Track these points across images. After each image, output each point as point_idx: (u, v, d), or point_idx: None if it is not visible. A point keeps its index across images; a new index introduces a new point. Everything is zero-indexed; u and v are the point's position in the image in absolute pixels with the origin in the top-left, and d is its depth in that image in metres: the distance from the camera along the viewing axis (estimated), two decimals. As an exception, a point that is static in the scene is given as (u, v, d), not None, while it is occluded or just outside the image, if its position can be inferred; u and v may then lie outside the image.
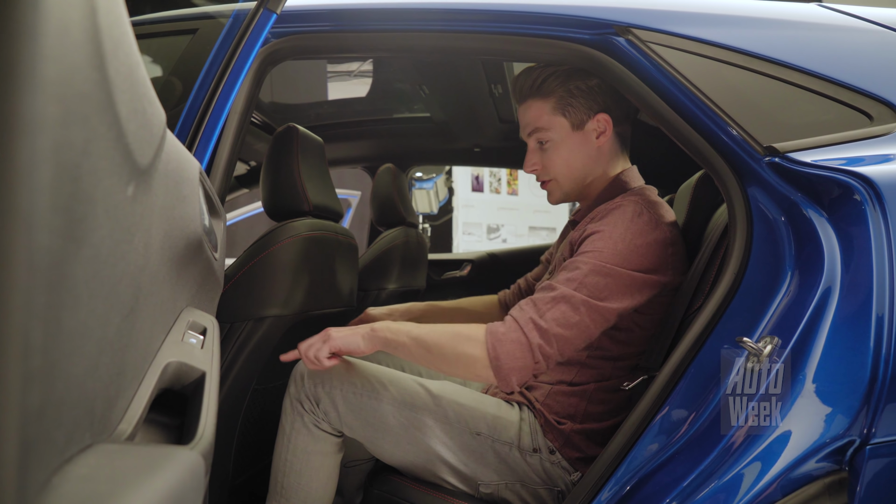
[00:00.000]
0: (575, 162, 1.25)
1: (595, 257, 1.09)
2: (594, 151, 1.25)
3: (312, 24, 1.19)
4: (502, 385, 1.05)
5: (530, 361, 1.04)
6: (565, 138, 1.24)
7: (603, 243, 1.10)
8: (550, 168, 1.26)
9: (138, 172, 0.47)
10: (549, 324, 1.04)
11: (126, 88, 0.42)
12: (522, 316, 1.06)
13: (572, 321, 1.05)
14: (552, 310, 1.05)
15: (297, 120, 2.63)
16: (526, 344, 1.03)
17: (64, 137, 0.30)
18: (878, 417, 0.83)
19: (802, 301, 0.90)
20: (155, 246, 0.55)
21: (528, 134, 1.27)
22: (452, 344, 1.07)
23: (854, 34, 1.10)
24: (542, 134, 1.24)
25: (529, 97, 1.26)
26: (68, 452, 0.37)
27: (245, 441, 1.43)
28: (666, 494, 0.92)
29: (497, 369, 1.03)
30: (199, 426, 0.59)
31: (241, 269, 1.29)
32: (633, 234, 1.11)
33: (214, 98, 1.04)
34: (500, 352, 1.03)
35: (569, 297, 1.06)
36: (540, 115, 1.24)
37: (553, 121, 1.23)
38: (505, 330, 1.05)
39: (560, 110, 1.23)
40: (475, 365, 1.05)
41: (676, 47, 1.05)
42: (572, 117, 1.23)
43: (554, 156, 1.25)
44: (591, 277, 1.07)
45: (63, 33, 0.29)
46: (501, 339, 1.04)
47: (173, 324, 0.68)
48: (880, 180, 0.88)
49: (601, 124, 1.24)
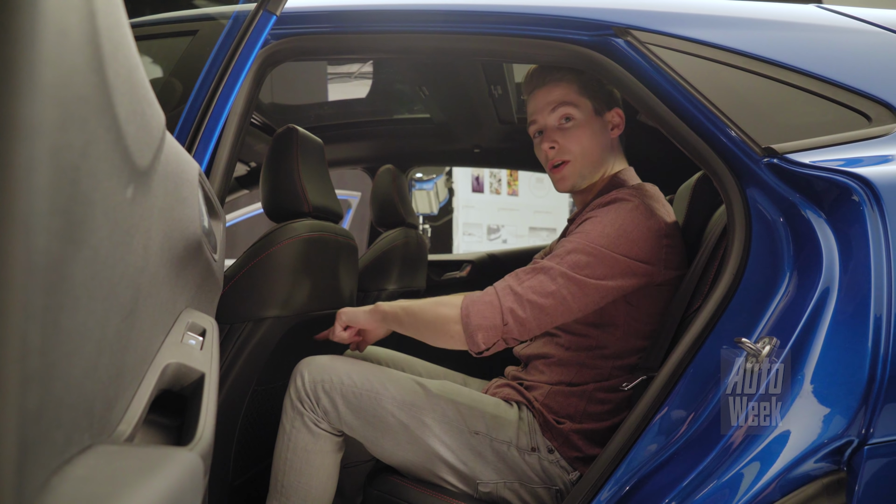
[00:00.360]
0: (594, 146, 1.27)
1: (581, 238, 1.13)
2: (608, 142, 1.29)
3: (312, 25, 1.20)
4: (469, 344, 1.10)
5: (499, 321, 1.08)
6: (589, 120, 1.27)
7: (591, 226, 1.14)
8: (570, 147, 1.27)
9: (137, 174, 0.47)
10: (525, 290, 1.09)
11: (125, 91, 0.43)
12: (501, 283, 1.12)
13: (548, 290, 1.09)
14: (530, 280, 1.10)
15: (298, 121, 2.63)
16: (497, 306, 1.09)
17: (63, 140, 0.30)
18: (875, 418, 0.83)
19: (801, 301, 0.90)
20: (154, 247, 0.56)
21: (553, 109, 1.27)
22: (433, 308, 1.15)
23: (853, 35, 1.10)
24: (569, 109, 1.26)
25: (551, 81, 1.28)
26: (67, 453, 0.37)
27: (245, 442, 1.43)
28: (665, 494, 0.93)
29: (466, 326, 1.09)
30: (198, 427, 0.59)
31: (241, 270, 1.29)
32: (625, 221, 1.13)
33: (214, 99, 1.04)
34: (472, 311, 1.09)
35: (547, 269, 1.11)
36: (568, 93, 1.27)
37: (581, 100, 1.26)
38: (481, 294, 1.11)
39: (586, 93, 1.27)
40: (448, 324, 1.11)
41: (675, 49, 1.05)
42: (596, 102, 1.27)
43: (577, 134, 1.26)
44: (573, 255, 1.11)
45: (62, 37, 0.29)
46: (475, 300, 1.11)
47: (173, 325, 0.68)
48: (878, 181, 0.88)
49: (616, 118, 1.28)
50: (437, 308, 1.14)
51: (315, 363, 1.22)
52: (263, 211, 1.50)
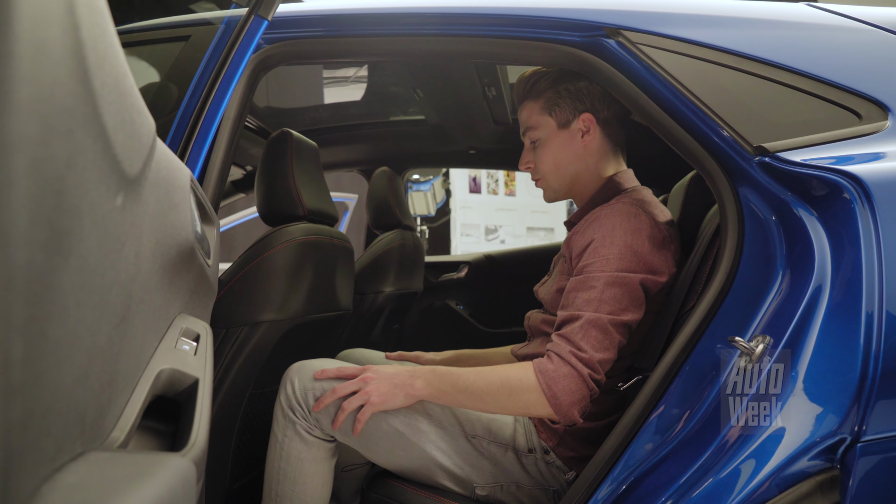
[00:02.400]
0: (561, 160, 1.28)
1: (604, 266, 1.11)
2: (580, 150, 1.28)
3: (305, 29, 1.20)
4: (564, 419, 1.07)
5: (586, 391, 1.06)
6: (551, 136, 1.28)
7: (607, 250, 1.11)
8: (539, 166, 1.30)
9: (127, 182, 0.48)
10: (590, 353, 1.06)
11: (113, 100, 0.43)
12: (563, 350, 1.07)
13: (606, 343, 1.08)
14: (585, 338, 1.07)
15: (293, 124, 2.64)
16: (577, 376, 1.05)
17: (44, 153, 0.30)
18: (868, 415, 0.84)
19: (794, 300, 0.91)
20: (146, 254, 0.56)
21: (523, 133, 1.32)
22: (506, 392, 1.08)
23: (843, 33, 1.11)
24: (533, 133, 1.29)
25: (525, 98, 1.31)
26: (58, 461, 0.37)
27: (242, 445, 1.43)
28: (662, 492, 0.93)
29: (557, 407, 1.05)
30: (191, 433, 0.60)
31: (237, 275, 1.30)
32: (634, 237, 1.12)
33: (207, 104, 1.05)
34: (557, 390, 1.05)
35: (595, 322, 1.08)
36: (531, 115, 1.29)
37: (541, 120, 1.28)
38: (554, 367, 1.06)
39: (547, 110, 1.27)
40: (534, 408, 1.07)
41: (666, 48, 1.05)
42: (558, 117, 1.27)
43: (542, 153, 1.29)
44: (607, 292, 1.09)
45: (39, 53, 0.29)
46: (553, 376, 1.06)
47: (166, 331, 0.68)
48: (869, 179, 0.89)
49: (585, 124, 1.27)
50: (511, 391, 1.08)
51: (305, 369, 1.21)
52: (259, 215, 1.50)
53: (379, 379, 1.12)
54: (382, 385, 1.11)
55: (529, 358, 1.31)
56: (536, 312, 1.33)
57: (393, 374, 1.13)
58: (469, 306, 2.99)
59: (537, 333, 1.30)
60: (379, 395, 1.11)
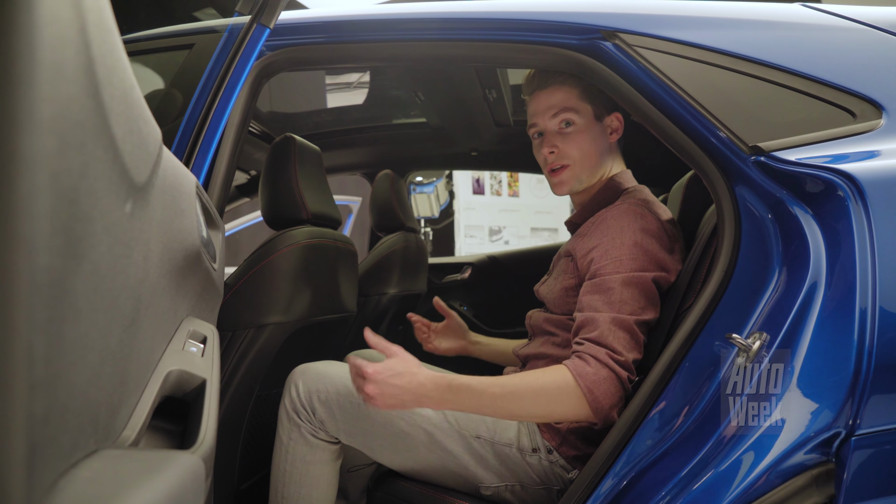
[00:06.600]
0: (593, 151, 1.26)
1: (617, 268, 1.11)
2: (606, 147, 1.28)
3: (306, 36, 1.22)
4: (602, 422, 1.07)
5: (622, 392, 1.07)
6: (589, 125, 1.26)
7: (618, 252, 1.12)
8: (569, 152, 1.26)
9: (135, 190, 0.50)
10: (625, 354, 1.07)
11: (121, 112, 0.45)
12: (599, 352, 1.07)
13: (633, 343, 1.09)
14: (617, 339, 1.07)
15: (296, 128, 2.66)
16: (615, 378, 1.06)
17: (62, 165, 0.32)
18: (862, 409, 0.85)
19: (790, 296, 0.92)
20: (154, 259, 0.58)
21: (554, 115, 1.27)
22: (544, 400, 1.06)
23: (837, 33, 1.12)
24: (571, 115, 1.25)
25: (553, 84, 1.27)
26: (74, 457, 0.39)
27: (250, 446, 1.45)
28: (662, 487, 0.94)
29: (598, 410, 1.05)
30: (200, 431, 0.61)
31: (242, 278, 1.31)
32: (643, 237, 1.13)
33: (211, 111, 1.07)
34: (599, 394, 1.05)
35: (620, 323, 1.08)
36: (569, 98, 1.26)
37: (581, 105, 1.26)
38: (594, 370, 1.05)
39: (587, 98, 1.26)
40: (573, 412, 1.06)
41: (662, 50, 1.06)
42: (596, 107, 1.26)
43: (577, 139, 1.26)
44: (626, 292, 1.10)
45: (57, 73, 0.31)
46: (594, 380, 1.05)
47: (174, 333, 0.70)
48: (862, 177, 0.90)
49: (615, 122, 1.27)
50: (551, 397, 1.06)
51: (309, 371, 1.22)
52: (263, 219, 1.52)
53: (386, 395, 1.03)
54: (389, 401, 1.04)
55: (531, 358, 1.32)
56: (538, 311, 1.34)
57: (402, 390, 1.03)
58: (473, 307, 3.01)
59: (539, 332, 1.31)
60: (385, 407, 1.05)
